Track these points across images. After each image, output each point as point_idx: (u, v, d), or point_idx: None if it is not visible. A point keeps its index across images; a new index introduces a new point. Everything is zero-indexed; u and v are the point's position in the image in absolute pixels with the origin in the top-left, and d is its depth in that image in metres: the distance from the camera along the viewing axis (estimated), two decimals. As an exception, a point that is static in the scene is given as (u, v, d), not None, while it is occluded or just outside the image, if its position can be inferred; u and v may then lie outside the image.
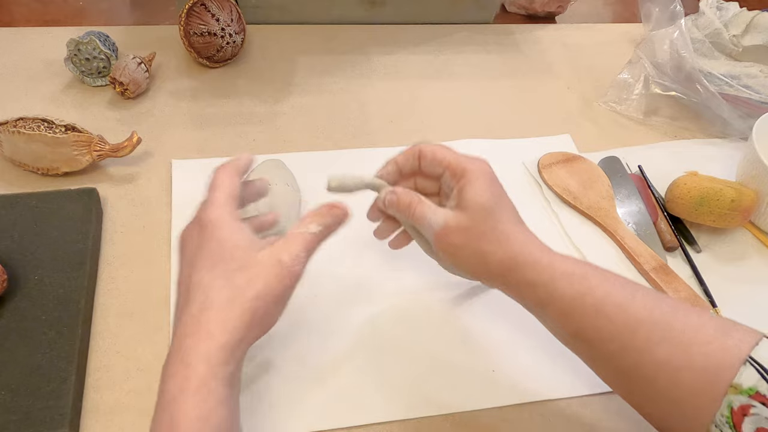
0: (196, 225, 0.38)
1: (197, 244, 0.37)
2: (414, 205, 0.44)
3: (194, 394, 0.32)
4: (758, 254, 0.62)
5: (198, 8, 0.70)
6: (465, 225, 0.42)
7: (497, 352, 0.52)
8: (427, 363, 0.50)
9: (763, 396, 0.33)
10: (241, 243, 0.37)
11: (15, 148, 0.58)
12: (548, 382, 0.50)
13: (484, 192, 0.43)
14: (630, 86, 0.76)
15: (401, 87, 0.76)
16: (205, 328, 0.34)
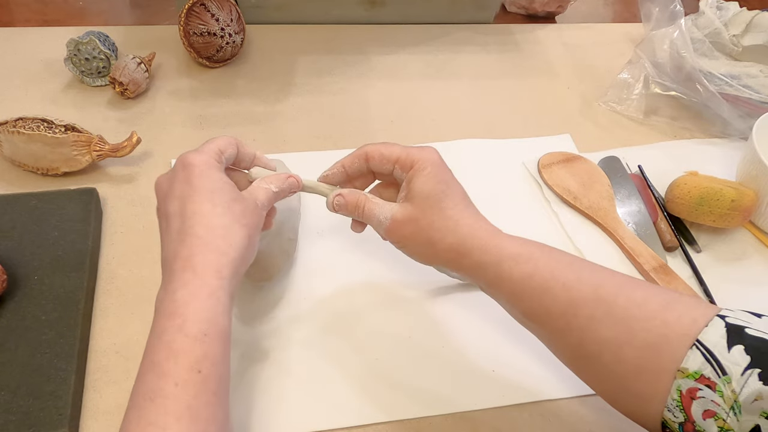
0: (180, 167, 0.40)
1: (185, 180, 0.40)
2: (361, 204, 0.45)
3: (205, 300, 0.36)
4: (758, 254, 0.62)
5: (198, 8, 0.70)
6: (413, 216, 0.43)
7: (497, 352, 0.52)
8: (427, 363, 0.50)
9: (707, 379, 0.34)
10: (229, 182, 0.41)
11: (15, 148, 0.58)
12: (548, 382, 0.50)
13: (429, 180, 0.43)
14: (630, 86, 0.76)
15: (401, 87, 0.76)
16: (215, 246, 0.37)
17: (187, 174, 0.40)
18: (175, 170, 0.41)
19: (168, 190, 0.40)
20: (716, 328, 0.35)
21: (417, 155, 0.44)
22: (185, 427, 0.32)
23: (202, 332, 0.35)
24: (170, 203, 0.40)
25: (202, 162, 0.40)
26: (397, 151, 0.45)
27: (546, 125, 0.73)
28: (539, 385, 0.50)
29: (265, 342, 0.50)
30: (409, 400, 0.48)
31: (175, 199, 0.39)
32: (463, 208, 0.44)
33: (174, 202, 0.39)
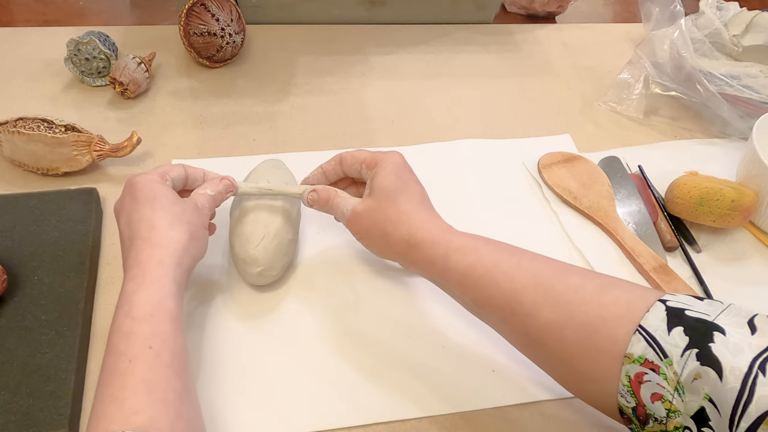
0: (127, 188, 0.46)
1: (130, 196, 0.45)
2: (331, 199, 0.51)
3: (149, 286, 0.40)
4: (758, 254, 0.62)
5: (198, 8, 0.70)
6: (370, 208, 0.48)
7: (497, 352, 0.51)
8: (427, 363, 0.50)
9: (651, 363, 0.35)
10: (169, 190, 0.46)
11: (15, 148, 0.58)
12: (548, 382, 0.50)
13: (388, 177, 0.48)
14: (630, 86, 0.76)
15: (401, 87, 0.76)
16: (156, 242, 0.42)
17: (131, 191, 0.45)
18: (123, 192, 0.46)
19: (119, 210, 0.46)
20: (657, 312, 0.36)
21: (381, 156, 0.50)
22: (143, 398, 0.35)
23: (148, 314, 0.39)
24: (121, 219, 0.45)
25: (144, 179, 0.46)
26: (365, 153, 0.51)
27: (546, 125, 0.73)
28: (539, 385, 0.50)
29: (265, 342, 0.50)
30: (409, 400, 0.48)
31: (124, 214, 0.45)
32: (417, 204, 0.48)
33: (123, 217, 0.45)
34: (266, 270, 0.51)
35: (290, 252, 0.54)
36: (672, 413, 0.35)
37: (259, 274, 0.51)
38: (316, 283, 0.55)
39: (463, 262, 0.44)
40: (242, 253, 0.51)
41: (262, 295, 0.53)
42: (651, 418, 0.36)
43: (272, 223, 0.51)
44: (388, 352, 0.51)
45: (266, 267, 0.51)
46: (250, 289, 0.53)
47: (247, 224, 0.51)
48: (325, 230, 0.59)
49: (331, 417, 0.46)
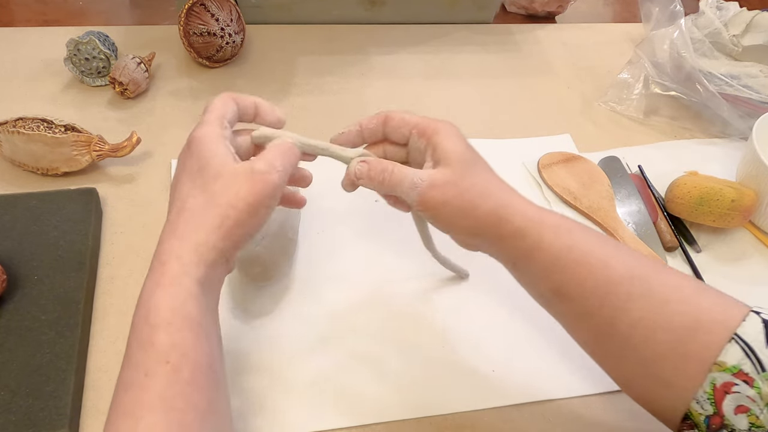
0: (186, 144, 0.39)
1: (183, 160, 0.39)
2: (389, 170, 0.42)
3: (167, 287, 0.35)
4: (758, 254, 0.62)
5: (197, 8, 0.70)
6: (451, 179, 0.41)
7: (497, 352, 0.52)
8: (427, 363, 0.50)
9: (746, 375, 0.33)
10: (219, 154, 0.38)
11: (15, 148, 0.58)
12: (548, 382, 0.50)
13: (459, 143, 0.42)
14: (630, 86, 0.76)
15: (401, 87, 0.76)
16: (180, 231, 0.36)
17: (184, 156, 0.39)
18: (184, 148, 0.40)
19: (176, 170, 0.39)
20: (753, 323, 0.35)
21: (439, 122, 0.43)
22: (159, 417, 0.32)
23: (166, 321, 0.34)
24: (172, 184, 0.39)
25: (204, 135, 0.38)
26: (416, 118, 0.44)
27: (546, 125, 0.73)
28: (539, 385, 0.50)
29: (264, 342, 0.50)
30: (409, 400, 0.48)
31: (173, 181, 0.39)
32: (495, 175, 0.43)
33: (172, 184, 0.39)
34: (266, 270, 0.51)
35: (290, 252, 0.54)
36: (756, 428, 0.33)
37: (259, 273, 0.51)
38: (315, 283, 0.55)
39: (557, 242, 0.39)
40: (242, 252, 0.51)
41: (262, 295, 0.53)
42: (726, 429, 0.34)
43: (272, 223, 0.51)
44: (387, 352, 0.51)
45: (266, 267, 0.51)
46: (250, 289, 0.53)
47: (247, 224, 0.51)
48: (325, 230, 0.59)
49: (330, 417, 0.46)
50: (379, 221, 0.60)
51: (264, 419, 0.46)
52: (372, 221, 0.60)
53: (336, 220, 0.60)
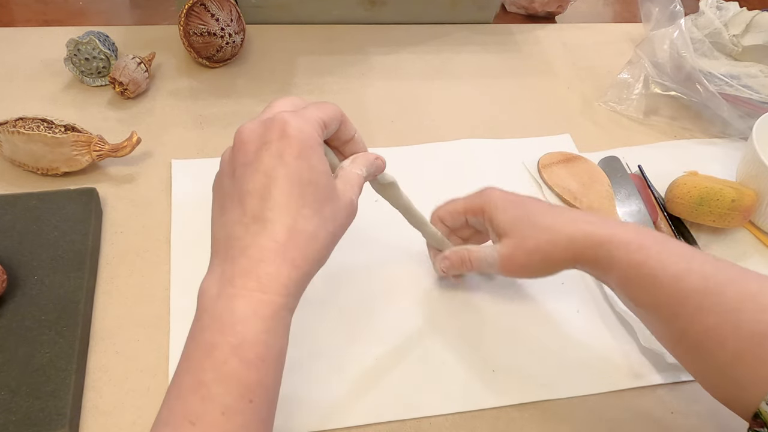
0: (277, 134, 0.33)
1: (278, 155, 0.33)
2: (466, 258, 0.49)
3: (268, 319, 0.31)
4: (758, 254, 0.62)
5: (197, 8, 0.70)
6: (516, 244, 0.45)
7: (497, 352, 0.51)
8: (426, 363, 0.50)
9: None
10: (327, 171, 0.34)
11: (15, 148, 0.58)
12: (548, 382, 0.50)
13: (508, 210, 0.46)
14: (630, 86, 0.76)
15: (401, 87, 0.76)
16: (289, 257, 0.32)
17: (283, 147, 0.33)
18: (268, 134, 0.33)
19: (253, 157, 0.33)
20: None
21: (480, 199, 0.48)
22: None
23: (259, 357, 0.31)
24: (254, 176, 0.33)
25: (306, 136, 0.33)
26: (461, 203, 0.50)
27: (546, 125, 0.73)
28: (539, 385, 0.50)
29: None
30: (409, 400, 0.48)
31: (259, 173, 0.33)
32: (552, 213, 0.46)
33: (257, 176, 0.32)
34: (266, 270, 0.51)
35: (290, 252, 0.54)
36: None
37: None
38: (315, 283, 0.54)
39: (627, 259, 0.41)
40: (242, 253, 0.51)
41: (262, 295, 0.53)
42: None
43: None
44: (387, 352, 0.51)
45: (266, 267, 0.51)
46: (250, 289, 0.53)
47: (247, 224, 0.51)
48: (325, 230, 0.59)
49: (330, 417, 0.46)
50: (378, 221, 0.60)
51: None
52: (372, 221, 0.60)
53: (336, 220, 0.60)
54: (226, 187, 0.34)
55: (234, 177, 0.34)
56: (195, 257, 0.55)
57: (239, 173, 0.34)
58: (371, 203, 0.61)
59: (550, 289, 0.56)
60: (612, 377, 0.51)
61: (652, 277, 0.40)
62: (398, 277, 0.56)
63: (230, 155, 0.35)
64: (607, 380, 0.51)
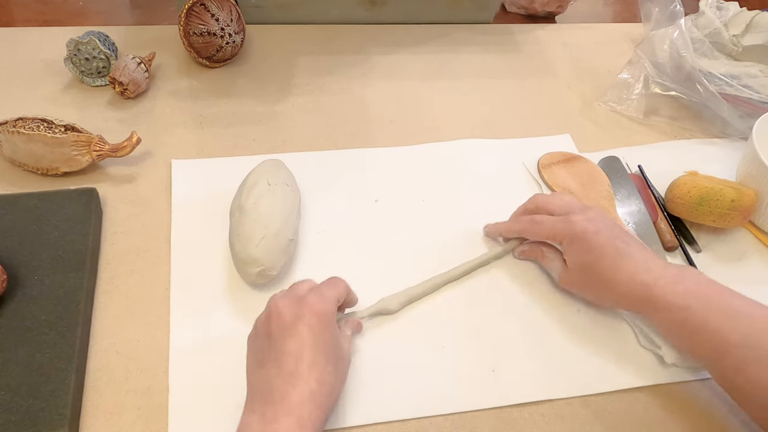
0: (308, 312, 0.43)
1: (309, 327, 0.42)
2: (540, 257, 0.56)
3: None
4: (758, 254, 0.62)
5: (198, 8, 0.70)
6: (573, 279, 0.53)
7: (497, 352, 0.52)
8: (427, 363, 0.50)
9: None
10: (340, 339, 0.45)
11: (15, 148, 0.58)
12: (548, 382, 0.50)
13: (579, 253, 0.51)
14: (630, 86, 0.76)
15: (401, 87, 0.76)
16: (320, 402, 0.40)
17: (314, 322, 0.42)
18: (300, 310, 0.43)
19: (290, 326, 0.42)
20: None
21: (565, 229, 0.52)
22: None
23: None
24: (290, 340, 0.41)
25: (329, 314, 0.44)
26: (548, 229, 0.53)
27: (546, 125, 0.73)
28: (539, 385, 0.50)
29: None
30: (408, 400, 0.48)
31: (295, 338, 0.42)
32: (614, 269, 0.49)
33: (294, 341, 0.41)
34: (266, 270, 0.51)
35: (290, 252, 0.54)
36: None
37: (259, 274, 0.51)
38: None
39: (670, 319, 0.47)
40: (242, 253, 0.51)
41: (262, 295, 0.53)
42: None
43: (272, 223, 0.51)
44: (387, 353, 0.51)
45: (266, 267, 0.51)
46: (250, 289, 0.53)
47: (247, 224, 0.51)
48: (325, 230, 0.59)
49: (331, 417, 0.46)
50: (378, 221, 0.60)
51: None
52: (372, 221, 0.60)
53: (335, 220, 0.60)
54: (264, 347, 0.43)
55: (271, 339, 0.42)
56: (195, 257, 0.55)
57: (276, 336, 0.42)
58: (371, 203, 0.62)
59: (550, 289, 0.56)
60: (612, 377, 0.51)
61: (693, 332, 0.45)
62: (398, 278, 0.56)
63: (265, 320, 0.44)
64: (607, 380, 0.51)
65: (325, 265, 0.56)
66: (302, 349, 0.41)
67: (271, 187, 0.54)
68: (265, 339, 0.43)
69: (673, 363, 0.51)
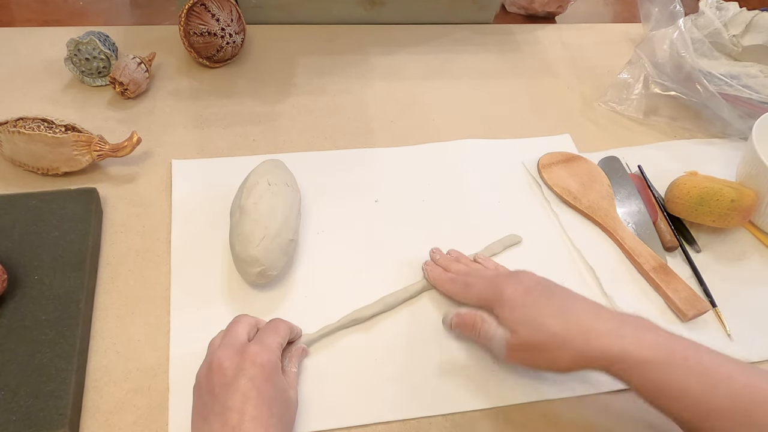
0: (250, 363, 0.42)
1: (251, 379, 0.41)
2: (478, 325, 0.47)
3: None
4: (758, 254, 0.62)
5: (198, 8, 0.70)
6: (521, 343, 0.44)
7: (497, 352, 0.52)
8: (427, 363, 0.50)
9: None
10: (285, 388, 0.44)
11: (15, 148, 0.58)
12: (548, 382, 0.50)
13: (515, 311, 0.45)
14: (630, 86, 0.76)
15: (401, 87, 0.76)
16: None
17: (256, 374, 0.41)
18: (242, 362, 0.42)
19: (232, 380, 0.41)
20: None
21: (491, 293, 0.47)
22: None
23: None
24: (232, 395, 0.40)
25: (272, 364, 0.43)
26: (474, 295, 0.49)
27: (546, 125, 0.73)
28: (539, 385, 0.50)
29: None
30: (409, 400, 0.48)
31: (237, 393, 0.40)
32: (562, 318, 0.43)
33: (236, 396, 0.40)
34: (266, 270, 0.51)
35: (290, 252, 0.54)
36: None
37: (259, 274, 0.51)
38: (315, 283, 0.55)
39: (642, 379, 0.40)
40: (242, 253, 0.51)
41: (262, 295, 0.53)
42: None
43: (272, 223, 0.51)
44: (387, 352, 0.51)
45: (266, 267, 0.51)
46: (250, 289, 0.53)
47: (247, 224, 0.51)
48: (325, 230, 0.59)
49: (330, 417, 0.46)
50: (378, 222, 0.60)
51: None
52: (372, 222, 0.60)
53: (336, 220, 0.60)
54: (207, 402, 0.41)
55: (214, 394, 0.41)
56: (195, 257, 0.55)
57: (219, 391, 0.41)
58: (371, 203, 0.62)
59: (550, 289, 0.56)
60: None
61: (673, 397, 0.40)
62: (398, 278, 0.56)
63: (207, 375, 0.42)
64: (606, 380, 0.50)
65: (325, 265, 0.56)
66: (245, 403, 0.40)
67: (272, 187, 0.54)
68: (208, 394, 0.41)
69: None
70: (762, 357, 0.53)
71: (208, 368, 0.42)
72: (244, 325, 0.46)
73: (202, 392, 0.42)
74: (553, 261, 0.59)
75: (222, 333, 0.46)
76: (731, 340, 0.54)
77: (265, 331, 0.46)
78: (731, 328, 0.55)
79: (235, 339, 0.44)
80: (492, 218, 0.62)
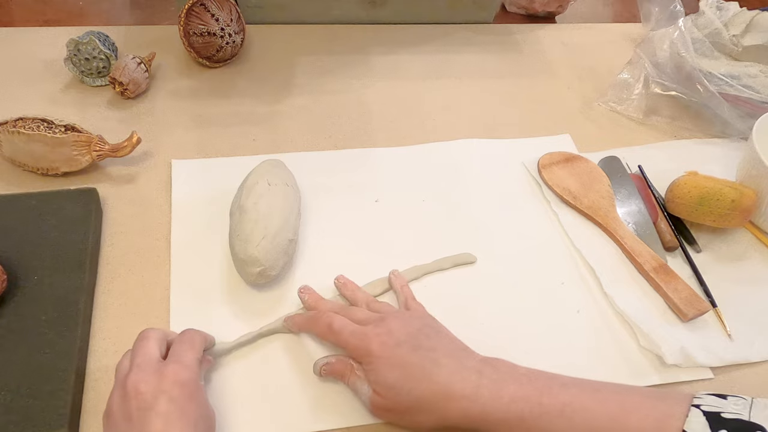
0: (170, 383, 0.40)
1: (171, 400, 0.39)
2: (347, 376, 0.46)
3: None
4: (758, 254, 0.62)
5: (197, 8, 0.70)
6: (385, 405, 0.44)
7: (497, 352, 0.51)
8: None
9: None
10: (208, 404, 0.42)
11: (15, 148, 0.58)
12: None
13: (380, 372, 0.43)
14: (630, 86, 0.76)
15: (401, 87, 0.76)
16: None
17: (177, 394, 0.39)
18: (161, 384, 0.39)
19: (152, 404, 0.38)
20: (696, 417, 0.39)
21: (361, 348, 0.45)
22: None
23: None
24: (153, 420, 0.38)
25: (193, 382, 0.41)
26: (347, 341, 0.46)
27: (546, 125, 0.73)
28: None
29: (264, 342, 0.50)
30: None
31: (159, 417, 0.38)
32: (425, 381, 0.42)
33: (158, 421, 0.38)
34: (266, 270, 0.51)
35: (290, 252, 0.54)
36: None
37: (259, 274, 0.51)
38: (315, 283, 0.55)
39: None
40: (242, 253, 0.51)
41: (261, 295, 0.53)
42: None
43: (272, 223, 0.51)
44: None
45: (266, 267, 0.51)
46: (250, 289, 0.53)
47: (247, 224, 0.51)
48: (325, 230, 0.59)
49: (331, 417, 0.46)
50: (378, 221, 0.60)
51: (264, 418, 0.46)
52: (372, 221, 0.60)
53: (336, 220, 0.60)
54: (123, 430, 0.38)
55: (131, 421, 0.38)
56: (195, 257, 0.55)
57: (137, 418, 0.38)
58: (371, 203, 0.62)
59: (550, 289, 0.56)
60: (612, 377, 0.51)
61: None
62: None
63: (122, 401, 0.39)
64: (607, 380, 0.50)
65: (325, 265, 0.56)
66: (168, 426, 0.38)
67: (272, 187, 0.54)
68: (124, 421, 0.38)
69: (674, 363, 0.51)
70: (762, 357, 0.53)
71: (122, 395, 0.39)
72: (153, 341, 0.43)
73: (116, 419, 0.39)
74: (553, 261, 0.59)
75: (129, 354, 0.43)
76: (731, 340, 0.54)
77: (180, 346, 0.43)
78: (731, 328, 0.55)
79: (147, 359, 0.41)
80: (492, 218, 0.62)
